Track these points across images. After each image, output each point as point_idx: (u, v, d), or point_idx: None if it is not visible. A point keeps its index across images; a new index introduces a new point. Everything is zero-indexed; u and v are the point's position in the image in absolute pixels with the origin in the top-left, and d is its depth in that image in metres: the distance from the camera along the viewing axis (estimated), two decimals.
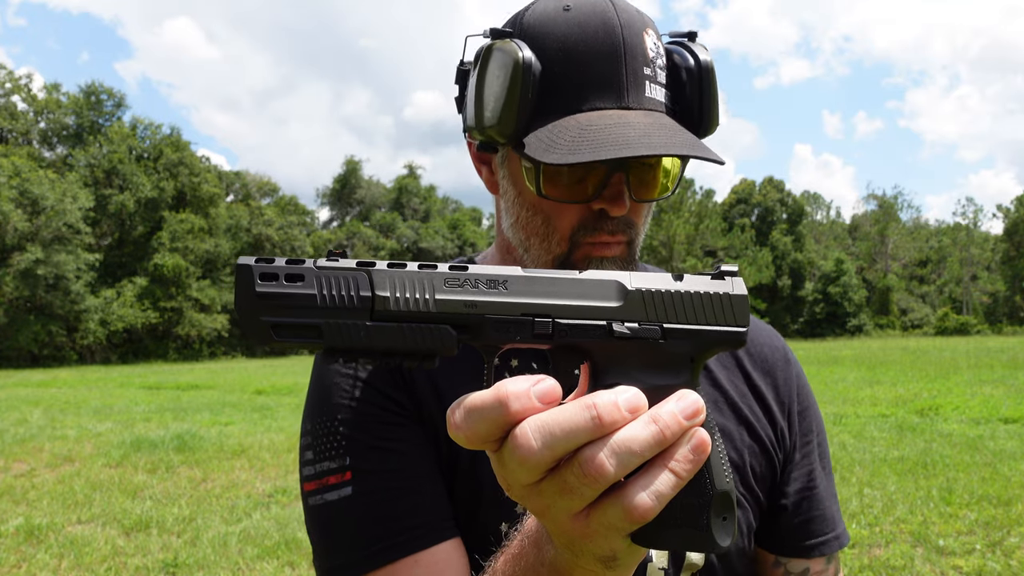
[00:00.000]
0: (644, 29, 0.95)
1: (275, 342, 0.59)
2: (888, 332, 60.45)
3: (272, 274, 0.59)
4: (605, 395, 0.56)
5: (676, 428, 0.57)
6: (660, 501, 0.56)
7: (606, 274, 0.64)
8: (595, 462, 0.54)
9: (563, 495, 0.57)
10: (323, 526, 1.00)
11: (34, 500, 7.18)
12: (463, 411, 0.57)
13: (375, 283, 0.60)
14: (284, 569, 5.23)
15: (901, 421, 10.68)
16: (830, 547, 1.15)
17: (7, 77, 49.00)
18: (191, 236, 48.03)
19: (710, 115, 0.98)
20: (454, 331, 0.60)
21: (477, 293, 0.61)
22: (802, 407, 1.18)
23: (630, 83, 0.93)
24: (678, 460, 0.57)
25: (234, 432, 11.03)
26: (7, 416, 13.49)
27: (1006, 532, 5.48)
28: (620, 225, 0.98)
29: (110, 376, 26.75)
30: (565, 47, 0.93)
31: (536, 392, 0.56)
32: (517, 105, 0.92)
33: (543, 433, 0.55)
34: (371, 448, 0.99)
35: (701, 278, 0.65)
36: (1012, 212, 65.69)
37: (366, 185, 70.15)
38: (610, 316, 0.62)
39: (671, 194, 1.00)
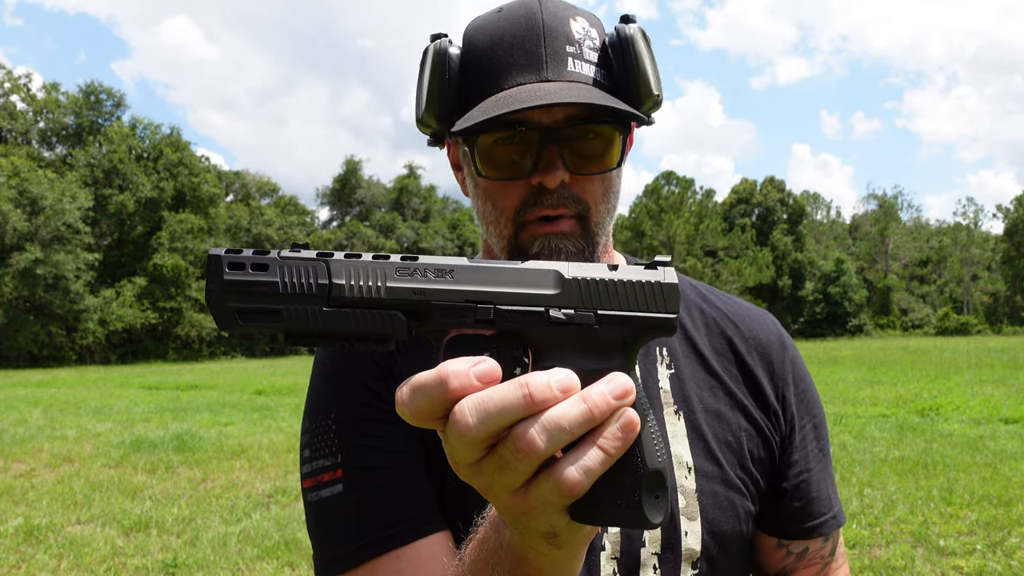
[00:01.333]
0: (572, 16, 1.01)
1: (240, 326, 0.64)
2: (888, 332, 60.49)
3: (240, 263, 0.64)
4: (539, 375, 0.59)
5: (605, 407, 0.59)
6: (589, 476, 0.59)
7: (546, 264, 0.67)
8: (526, 437, 0.57)
9: (501, 471, 0.60)
10: (318, 522, 1.05)
11: (33, 500, 7.18)
12: (408, 388, 0.60)
13: (332, 272, 0.64)
14: (284, 569, 5.22)
15: (901, 421, 10.68)
16: (827, 527, 1.18)
17: (6, 77, 49.04)
18: (191, 236, 48.05)
19: (636, 81, 1.00)
20: (404, 317, 0.65)
21: (425, 281, 0.65)
22: (798, 390, 1.19)
23: (550, 59, 0.98)
24: (607, 438, 0.59)
25: (234, 432, 11.03)
26: (6, 416, 13.49)
27: (1007, 532, 5.47)
28: (562, 198, 1.00)
29: (110, 376, 26.76)
30: (493, 39, 1.01)
31: (476, 372, 0.59)
32: (437, 89, 1.01)
33: (479, 410, 0.58)
34: (361, 446, 1.03)
35: (635, 268, 0.68)
36: (1012, 212, 65.74)
37: (366, 185, 70.20)
38: (547, 303, 0.66)
39: (617, 167, 1.02)
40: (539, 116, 0.98)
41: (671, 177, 59.11)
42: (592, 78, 1.00)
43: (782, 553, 1.18)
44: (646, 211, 56.68)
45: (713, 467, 1.08)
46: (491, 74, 1.00)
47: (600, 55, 1.02)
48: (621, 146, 1.01)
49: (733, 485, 1.08)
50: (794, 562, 1.19)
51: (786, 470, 1.16)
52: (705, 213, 59.06)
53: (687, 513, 1.05)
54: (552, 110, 0.97)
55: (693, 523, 1.05)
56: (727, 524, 1.07)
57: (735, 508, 1.08)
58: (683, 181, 58.77)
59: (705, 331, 1.18)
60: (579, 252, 1.02)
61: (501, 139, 1.00)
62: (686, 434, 1.09)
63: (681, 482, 1.06)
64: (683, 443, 1.08)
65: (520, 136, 0.99)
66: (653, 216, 55.99)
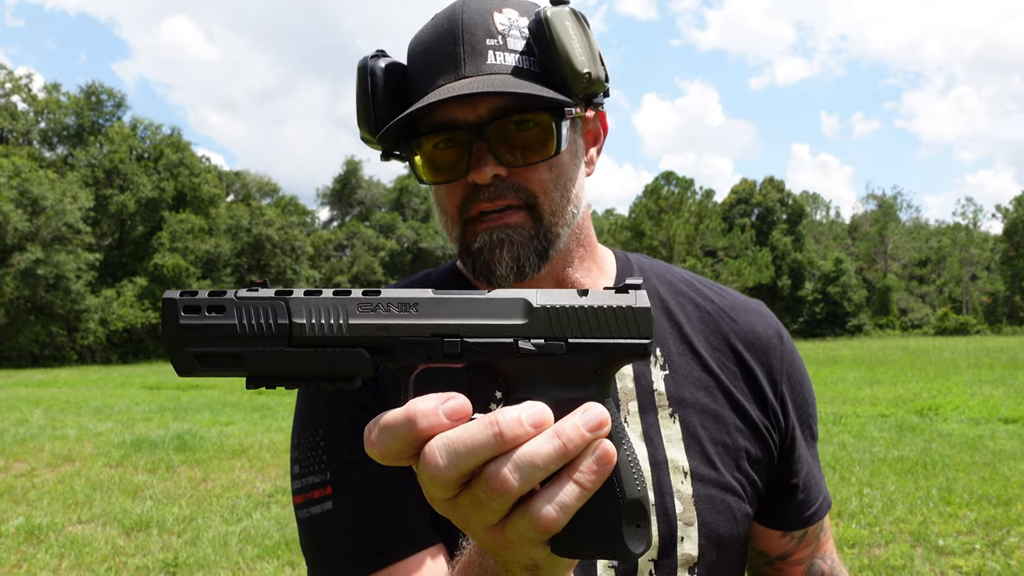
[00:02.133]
0: (496, 9, 1.01)
1: (200, 371, 0.62)
2: (888, 332, 60.44)
3: (195, 306, 0.63)
4: (509, 411, 0.58)
5: (579, 441, 0.58)
6: (566, 512, 0.58)
7: (513, 292, 0.65)
8: (499, 477, 0.56)
9: (476, 509, 0.59)
10: (310, 539, 1.04)
11: (34, 500, 7.19)
12: (377, 429, 0.59)
13: (292, 311, 0.63)
14: (284, 569, 5.23)
15: (901, 421, 10.68)
16: (823, 511, 1.22)
17: (7, 77, 49.03)
18: (191, 236, 48.03)
19: (558, 62, 0.96)
20: (368, 354, 0.63)
21: (389, 316, 0.63)
22: (794, 383, 1.18)
23: (467, 56, 0.98)
24: (582, 471, 0.58)
25: (234, 432, 11.04)
26: (7, 416, 13.49)
27: (1006, 532, 5.48)
28: (499, 191, 0.99)
29: (110, 376, 26.76)
30: (421, 46, 1.04)
31: (445, 410, 0.57)
32: (363, 105, 1.04)
33: (448, 451, 0.56)
34: (349, 462, 1.01)
35: (605, 292, 0.66)
36: (1011, 212, 65.71)
37: (366, 185, 70.18)
38: (516, 333, 0.64)
39: (556, 153, 0.99)
40: (464, 114, 0.98)
41: (671, 177, 59.08)
42: (513, 67, 0.98)
43: (785, 540, 1.21)
44: (646, 211, 56.65)
45: (709, 470, 1.06)
46: (419, 81, 1.02)
47: (527, 44, 1.00)
48: (558, 132, 0.98)
49: (730, 488, 1.07)
50: (795, 545, 1.22)
51: (793, 465, 1.17)
52: (705, 213, 59.01)
53: (684, 519, 1.03)
54: (476, 106, 0.97)
55: (690, 528, 1.03)
56: (724, 528, 1.06)
57: (732, 512, 1.07)
58: (683, 181, 58.75)
59: (701, 326, 1.15)
60: (528, 241, 1.00)
61: (440, 143, 1.00)
62: (681, 437, 1.07)
63: (677, 487, 1.04)
64: (679, 447, 1.06)
65: (454, 138, 0.99)
66: (653, 216, 55.96)
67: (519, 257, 1.00)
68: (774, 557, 1.24)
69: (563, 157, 1.02)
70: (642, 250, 52.87)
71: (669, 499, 1.03)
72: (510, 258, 0.99)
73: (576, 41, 0.97)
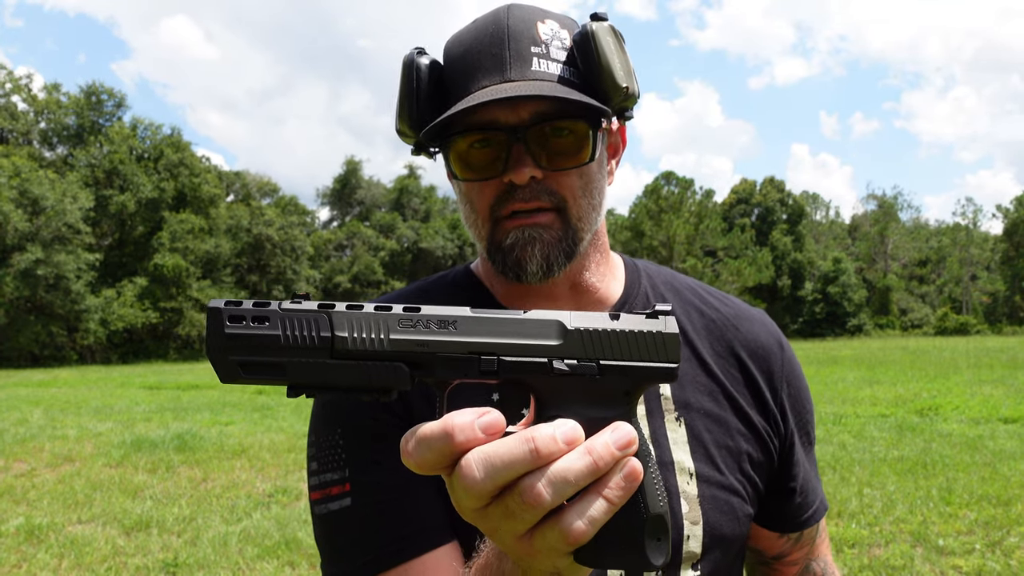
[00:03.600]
0: (540, 20, 1.04)
1: (243, 379, 0.64)
2: (888, 332, 60.44)
3: (240, 316, 0.64)
4: (544, 428, 0.60)
5: (609, 458, 0.61)
6: (594, 525, 0.61)
7: (548, 314, 0.68)
8: (533, 491, 0.59)
9: (507, 519, 0.61)
10: (326, 535, 1.06)
11: (34, 500, 7.19)
12: (415, 441, 0.61)
13: (334, 324, 0.65)
14: (284, 569, 5.23)
15: (901, 421, 10.68)
16: (819, 514, 1.26)
17: (7, 77, 49.02)
18: (191, 236, 48.03)
19: (600, 75, 1.00)
20: (407, 368, 0.65)
21: (428, 333, 0.66)
22: (793, 390, 1.22)
23: (513, 60, 1.01)
24: (611, 488, 0.61)
25: (234, 432, 11.04)
26: (7, 416, 13.49)
27: (1006, 532, 5.48)
28: (534, 192, 1.02)
29: (110, 376, 26.76)
30: (463, 48, 1.06)
31: (480, 424, 0.60)
32: (407, 98, 1.06)
33: (485, 465, 0.59)
34: (369, 461, 1.04)
35: (636, 317, 0.69)
36: (1011, 212, 65.70)
37: (366, 185, 70.18)
38: (550, 354, 0.67)
39: (590, 160, 1.03)
40: (505, 116, 1.00)
41: (671, 177, 59.08)
42: (558, 76, 1.02)
43: (782, 541, 1.25)
44: (646, 211, 56.65)
45: (713, 472, 1.10)
46: (460, 81, 1.04)
47: (569, 55, 1.04)
48: (593, 141, 1.02)
49: (732, 489, 1.11)
50: (791, 546, 1.26)
51: (792, 469, 1.21)
52: (705, 213, 59.00)
53: (690, 517, 1.07)
54: (518, 110, 1.00)
55: (695, 527, 1.07)
56: (727, 527, 1.10)
57: (734, 512, 1.11)
58: (683, 181, 58.75)
59: (706, 334, 1.19)
60: (557, 242, 1.03)
61: (476, 143, 1.03)
62: (687, 440, 1.10)
63: (683, 488, 1.08)
64: (684, 449, 1.10)
65: (491, 138, 1.02)
66: (653, 216, 55.95)
67: (548, 256, 1.03)
68: (770, 557, 1.28)
69: (592, 166, 1.05)
70: (642, 250, 52.95)
71: (675, 499, 1.07)
72: (541, 256, 1.03)
73: (617, 57, 1.01)
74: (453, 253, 61.58)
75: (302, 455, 9.12)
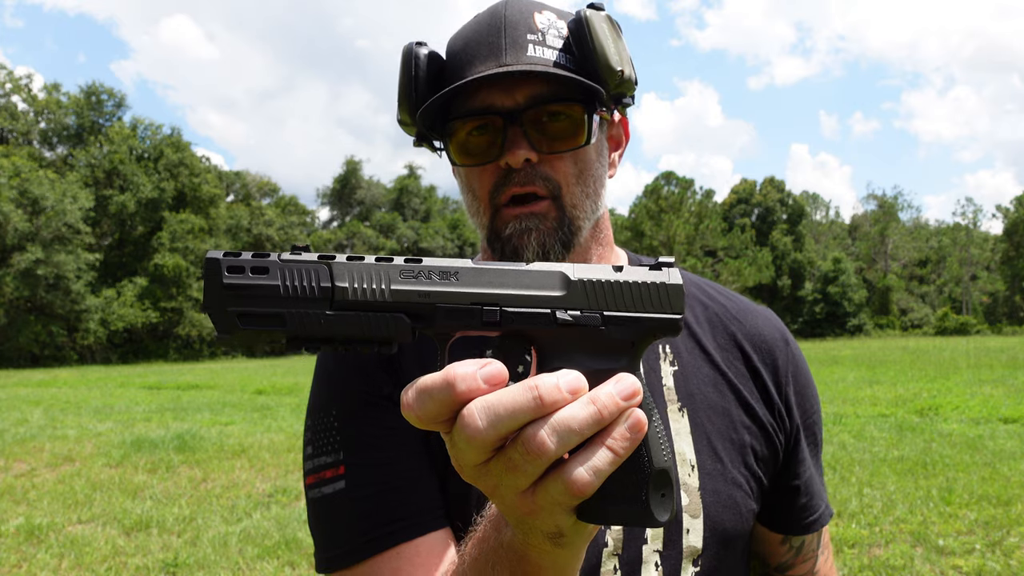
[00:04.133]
0: (536, 10, 1.07)
1: (240, 331, 0.63)
2: (888, 332, 60.45)
3: (239, 267, 0.63)
4: (547, 377, 0.59)
5: (613, 408, 0.60)
6: (598, 476, 0.59)
7: (551, 266, 0.67)
8: (536, 439, 0.58)
9: (509, 473, 0.60)
10: (320, 518, 1.05)
11: (34, 500, 7.19)
12: (414, 392, 0.60)
13: (335, 275, 0.64)
14: (284, 569, 5.23)
15: (901, 421, 10.68)
16: (824, 520, 1.24)
17: (7, 77, 49.04)
18: (191, 236, 48.04)
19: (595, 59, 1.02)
20: (408, 319, 0.64)
21: (430, 284, 0.65)
22: (799, 386, 1.20)
23: (508, 47, 1.03)
24: (615, 438, 0.60)
25: (234, 432, 11.04)
26: (7, 416, 13.49)
27: (1006, 532, 5.48)
28: (529, 176, 1.03)
29: (110, 376, 26.76)
30: (463, 40, 1.09)
31: (483, 374, 0.59)
32: (406, 87, 1.08)
33: (488, 413, 0.58)
34: (363, 443, 1.04)
35: (640, 269, 0.68)
36: (1011, 212, 65.70)
37: (366, 185, 70.19)
38: (554, 304, 0.66)
39: (586, 143, 1.04)
40: (501, 100, 1.02)
41: (671, 177, 59.10)
42: (553, 61, 1.04)
43: (784, 548, 1.22)
44: (646, 211, 56.66)
45: (716, 464, 1.08)
46: (458, 69, 1.07)
47: (565, 43, 1.06)
48: (589, 124, 1.03)
49: (736, 483, 1.09)
50: (793, 557, 1.23)
51: (796, 467, 1.19)
52: (705, 213, 58.99)
53: (690, 511, 1.06)
54: (514, 93, 1.02)
55: (696, 520, 1.06)
56: (729, 522, 1.08)
57: (737, 506, 1.09)
58: (683, 181, 58.75)
59: (708, 327, 1.18)
60: (553, 231, 1.04)
61: (474, 129, 1.05)
62: (689, 431, 1.09)
63: (684, 479, 1.06)
64: (687, 440, 1.09)
65: (489, 123, 1.03)
66: (653, 216, 55.96)
67: (545, 244, 1.04)
68: (772, 568, 1.25)
69: (589, 153, 1.06)
70: (642, 250, 52.89)
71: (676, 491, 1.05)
72: (537, 244, 1.04)
73: (611, 42, 1.03)
74: (453, 253, 61.55)
75: (302, 455, 9.12)
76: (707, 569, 1.07)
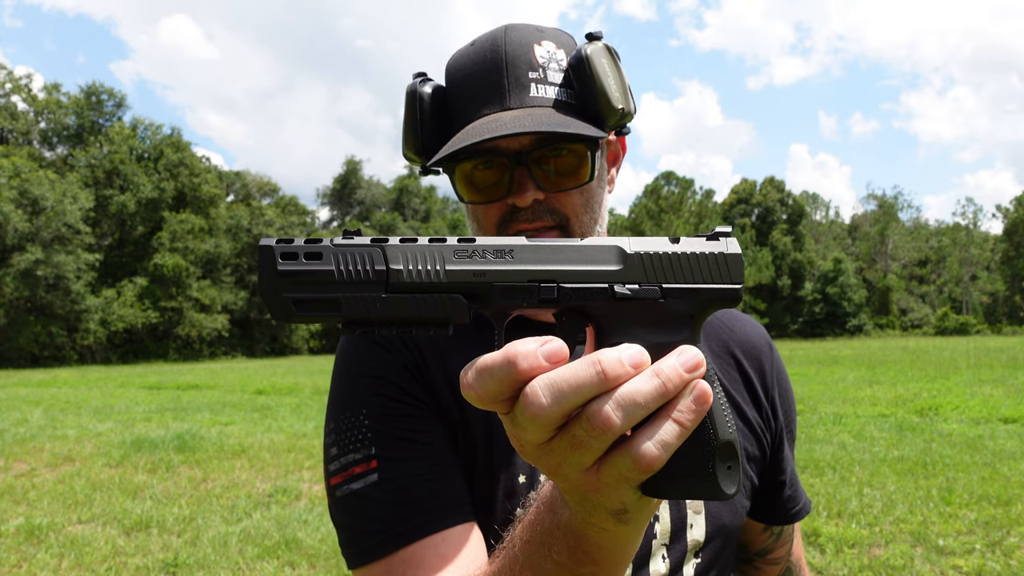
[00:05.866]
0: (536, 41, 1.08)
1: (297, 316, 0.63)
2: (888, 332, 60.45)
3: (292, 253, 0.63)
4: (609, 352, 0.59)
5: (678, 380, 0.59)
6: (666, 450, 0.59)
7: (606, 240, 0.67)
8: (602, 414, 0.57)
9: (573, 450, 0.60)
10: (350, 513, 1.04)
11: (34, 500, 7.19)
12: (475, 371, 0.60)
13: (388, 257, 0.64)
14: (284, 569, 5.23)
15: (901, 421, 10.68)
16: (805, 510, 1.33)
17: (7, 77, 49.03)
18: (191, 236, 48.05)
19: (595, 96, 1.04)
20: (464, 299, 0.64)
21: (485, 263, 0.64)
22: (782, 389, 1.29)
23: (511, 88, 1.05)
24: (681, 411, 0.60)
25: (234, 432, 11.04)
26: (7, 416, 13.49)
27: (1006, 532, 5.48)
28: (537, 213, 1.06)
29: (110, 376, 26.76)
30: (463, 73, 1.10)
31: (544, 352, 0.58)
32: (411, 127, 1.10)
33: (552, 390, 0.57)
34: (395, 438, 1.05)
35: (697, 240, 0.68)
36: (1011, 212, 65.70)
37: (366, 185, 70.19)
38: (611, 279, 0.65)
39: (590, 180, 1.07)
40: (507, 143, 1.04)
41: (671, 177, 59.11)
42: (554, 100, 1.06)
43: (766, 535, 1.32)
44: (646, 211, 56.66)
45: None
46: (462, 108, 1.09)
47: (565, 76, 1.08)
48: (592, 161, 1.06)
49: None
50: (773, 542, 1.33)
51: (782, 463, 1.28)
52: (705, 213, 59.02)
53: (693, 507, 1.13)
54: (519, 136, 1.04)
55: (698, 516, 1.13)
56: (727, 517, 1.16)
57: (733, 504, 1.17)
58: (683, 181, 58.76)
59: (703, 335, 1.25)
60: None
61: (480, 164, 1.07)
62: None
63: None
64: None
65: (495, 160, 1.06)
66: (653, 216, 55.96)
67: None
68: (753, 553, 1.34)
69: (592, 183, 1.09)
70: None
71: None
72: None
73: (612, 79, 1.04)
74: None
75: (302, 455, 9.12)
76: (707, 560, 1.15)
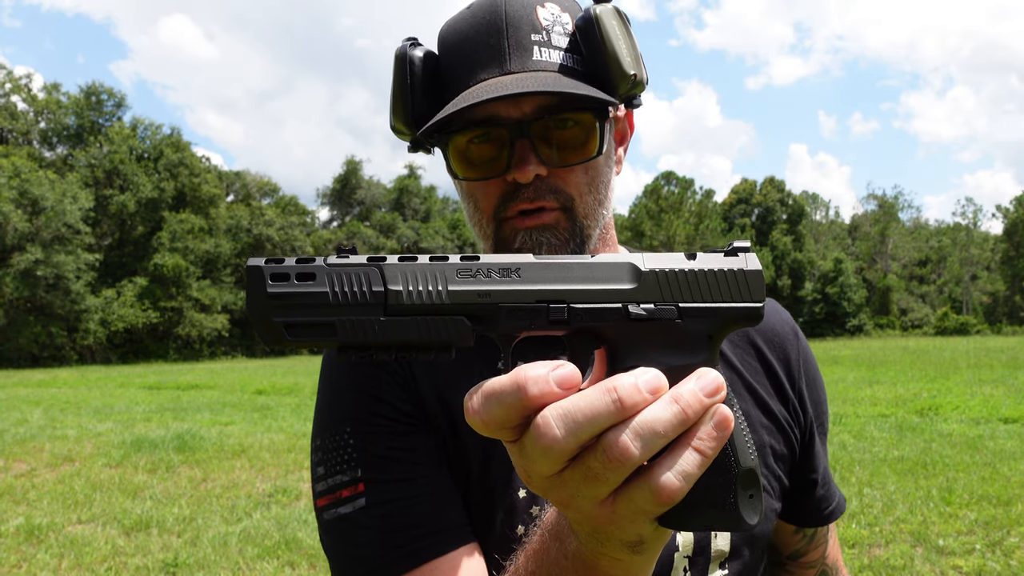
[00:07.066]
0: (539, 3, 0.99)
1: (288, 342, 0.58)
2: (888, 332, 60.44)
3: (283, 274, 0.59)
4: (625, 378, 0.55)
5: (698, 406, 0.56)
6: (687, 481, 0.55)
7: (619, 257, 0.63)
8: (619, 446, 0.53)
9: (587, 483, 0.56)
10: (340, 539, 0.98)
11: (34, 500, 7.18)
12: (481, 396, 0.56)
13: (387, 278, 0.59)
14: (284, 569, 5.23)
15: (901, 421, 10.68)
16: (840, 509, 1.22)
17: (7, 77, 49.02)
18: (191, 236, 48.03)
19: (606, 62, 0.95)
20: (468, 322, 0.60)
21: (490, 282, 0.60)
22: (810, 379, 1.18)
23: (512, 51, 0.95)
24: (702, 438, 0.56)
25: (234, 432, 11.03)
26: (8, 416, 13.49)
27: (1006, 532, 5.48)
28: (539, 191, 0.96)
29: (110, 376, 26.76)
30: (460, 37, 1.00)
31: (555, 377, 0.54)
32: (400, 95, 1.01)
33: (566, 421, 0.53)
34: (382, 458, 0.98)
35: (714, 255, 0.64)
36: (1011, 212, 65.70)
37: (366, 185, 70.16)
38: (625, 298, 0.62)
39: (598, 155, 0.98)
40: (507, 111, 0.94)
41: (671, 177, 59.13)
42: (559, 64, 0.96)
43: (798, 537, 1.22)
44: (646, 211, 56.68)
45: None
46: (457, 74, 0.99)
47: (571, 40, 0.98)
48: (600, 133, 0.96)
49: None
50: (806, 544, 1.23)
51: (813, 460, 1.17)
52: (705, 213, 59.06)
53: None
54: (520, 103, 0.94)
55: None
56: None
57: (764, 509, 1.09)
58: (683, 181, 58.78)
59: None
60: (563, 244, 0.98)
61: (475, 138, 0.98)
62: None
63: None
64: None
65: (493, 133, 0.96)
66: (653, 216, 55.98)
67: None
68: (785, 556, 1.24)
69: (599, 159, 1.00)
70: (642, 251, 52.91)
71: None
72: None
73: (623, 42, 0.95)
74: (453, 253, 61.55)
75: (302, 455, 9.11)
76: (733, 571, 1.06)
